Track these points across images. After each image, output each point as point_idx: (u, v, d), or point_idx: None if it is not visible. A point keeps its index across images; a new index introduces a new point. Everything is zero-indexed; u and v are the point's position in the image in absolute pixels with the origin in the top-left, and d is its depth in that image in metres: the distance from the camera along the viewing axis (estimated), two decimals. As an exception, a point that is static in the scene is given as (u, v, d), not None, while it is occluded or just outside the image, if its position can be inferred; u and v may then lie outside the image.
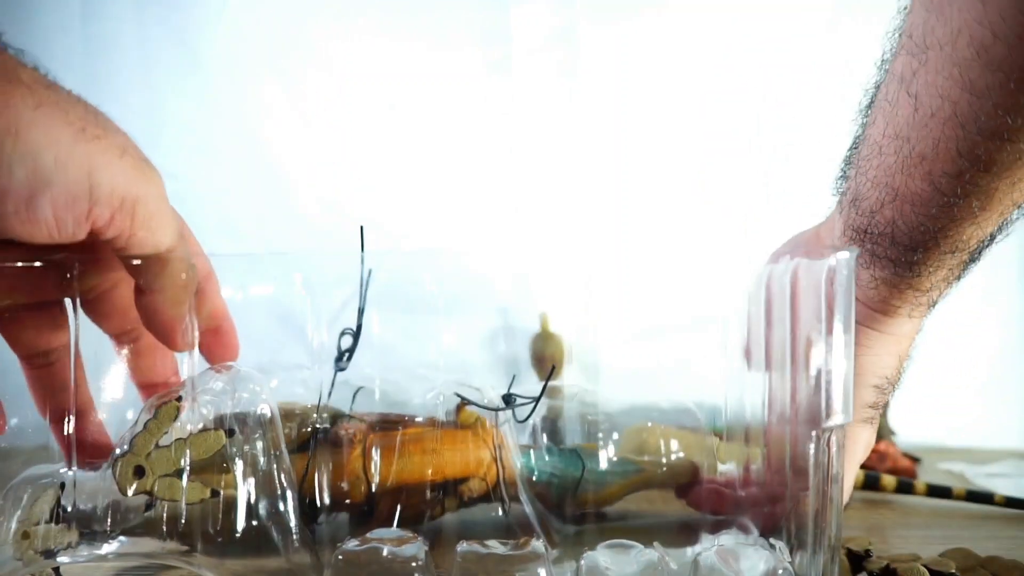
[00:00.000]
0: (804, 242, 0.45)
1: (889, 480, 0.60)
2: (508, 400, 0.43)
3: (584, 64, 0.77)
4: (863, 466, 0.68)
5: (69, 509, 0.34)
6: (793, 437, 0.36)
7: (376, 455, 0.41)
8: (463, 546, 0.37)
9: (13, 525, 0.33)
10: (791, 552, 0.37)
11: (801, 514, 0.36)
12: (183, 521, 0.34)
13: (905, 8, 0.36)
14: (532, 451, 0.45)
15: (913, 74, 0.34)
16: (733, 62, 0.76)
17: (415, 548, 0.36)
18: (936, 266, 0.38)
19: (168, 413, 0.35)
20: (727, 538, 0.41)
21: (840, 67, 0.69)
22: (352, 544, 0.36)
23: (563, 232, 0.75)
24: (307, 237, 0.76)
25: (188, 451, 0.34)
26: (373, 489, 0.40)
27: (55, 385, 0.35)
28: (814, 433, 0.35)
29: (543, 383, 0.43)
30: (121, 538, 0.34)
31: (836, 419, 0.34)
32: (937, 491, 0.58)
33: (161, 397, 0.36)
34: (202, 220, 0.41)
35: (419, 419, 0.43)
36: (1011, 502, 0.56)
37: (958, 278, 0.40)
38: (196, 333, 0.35)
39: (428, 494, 0.41)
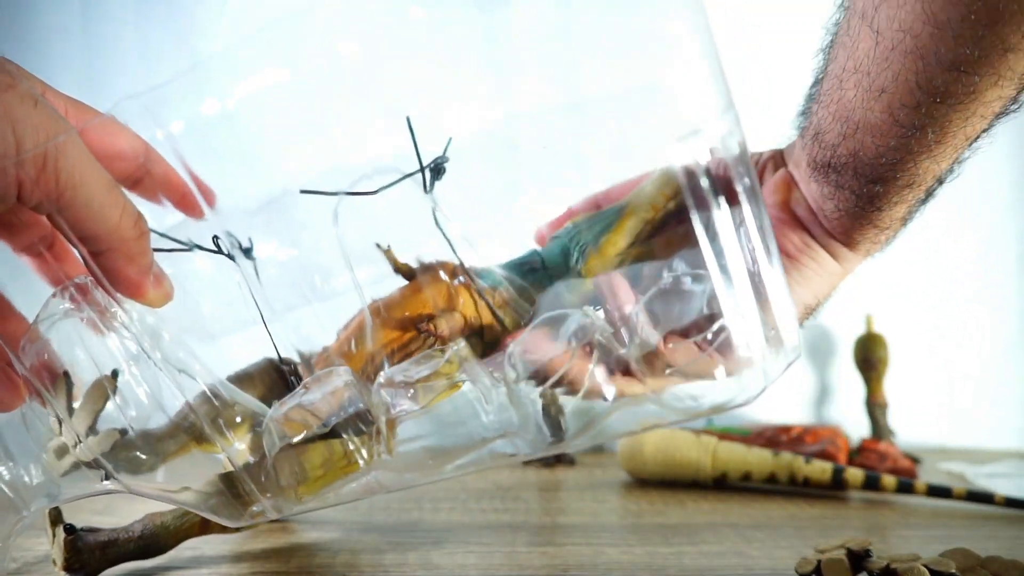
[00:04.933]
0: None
1: (889, 480, 0.60)
2: (437, 169, 0.36)
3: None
4: (864, 466, 0.69)
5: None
6: None
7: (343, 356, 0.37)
8: (380, 379, 0.35)
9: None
10: None
11: None
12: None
13: None
14: (495, 268, 0.39)
15: (875, 9, 0.36)
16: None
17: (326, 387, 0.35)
18: (895, 201, 0.40)
19: (97, 394, 0.33)
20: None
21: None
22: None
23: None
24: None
25: (85, 410, 0.33)
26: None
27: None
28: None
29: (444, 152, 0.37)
30: None
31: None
32: (937, 491, 0.58)
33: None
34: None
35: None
36: (1011, 502, 0.56)
37: (910, 218, 0.42)
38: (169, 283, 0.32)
39: (394, 356, 0.37)
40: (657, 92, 0.35)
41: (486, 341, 0.38)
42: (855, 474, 0.61)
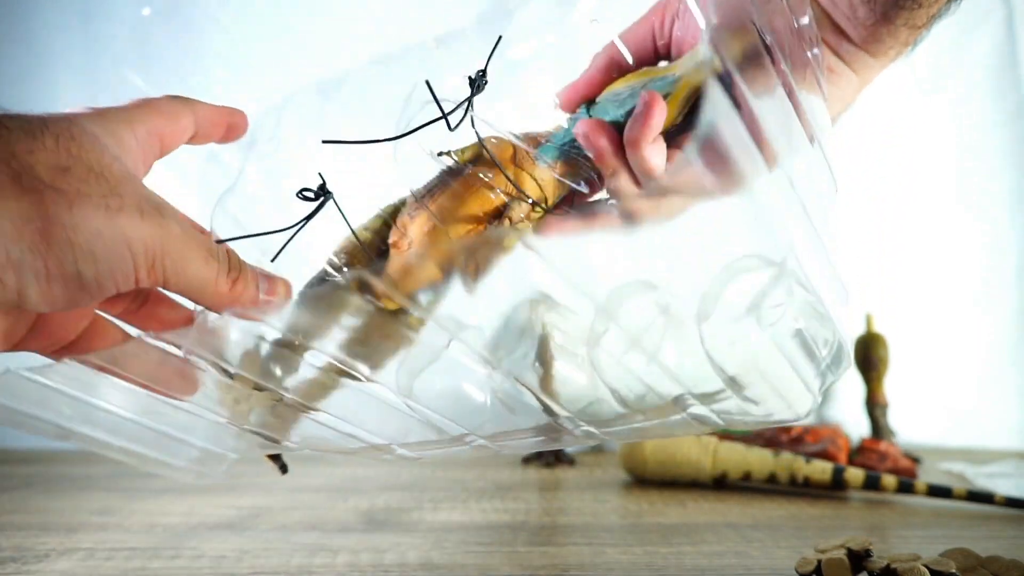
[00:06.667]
0: None
1: (889, 480, 0.60)
2: (475, 82, 0.39)
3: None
4: (864, 466, 0.69)
5: None
6: None
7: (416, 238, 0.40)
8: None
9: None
10: None
11: None
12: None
13: None
14: (551, 144, 0.41)
15: None
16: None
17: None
18: None
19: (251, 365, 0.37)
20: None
21: None
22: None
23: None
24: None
25: (242, 380, 0.37)
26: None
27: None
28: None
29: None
30: None
31: None
32: (937, 491, 0.58)
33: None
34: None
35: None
36: (1011, 502, 0.56)
37: (938, 18, 0.41)
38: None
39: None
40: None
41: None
42: (855, 474, 0.61)
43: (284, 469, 0.43)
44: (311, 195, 0.39)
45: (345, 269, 0.42)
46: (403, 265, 0.42)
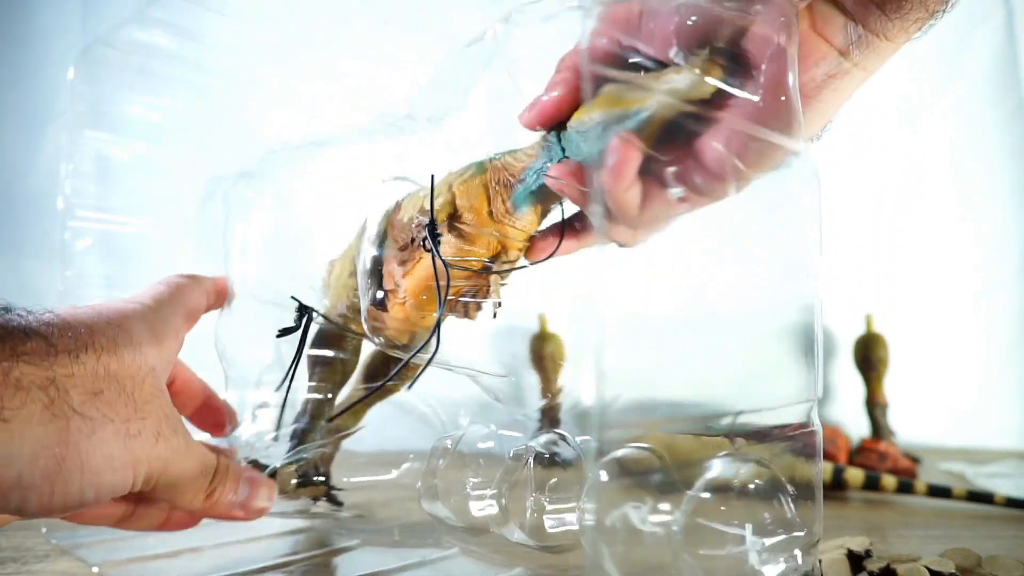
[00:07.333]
0: None
1: (889, 480, 0.60)
2: (433, 230, 0.40)
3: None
4: (864, 466, 0.69)
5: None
6: None
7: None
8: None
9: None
10: None
11: None
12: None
13: None
14: (521, 198, 0.41)
15: None
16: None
17: None
18: None
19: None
20: None
21: None
22: None
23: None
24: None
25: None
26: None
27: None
28: None
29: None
30: None
31: None
32: (937, 491, 0.58)
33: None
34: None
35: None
36: (1011, 502, 0.56)
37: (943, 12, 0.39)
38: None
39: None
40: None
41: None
42: (855, 474, 0.61)
43: (335, 501, 0.46)
44: (292, 324, 0.44)
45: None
46: (404, 315, 0.43)
